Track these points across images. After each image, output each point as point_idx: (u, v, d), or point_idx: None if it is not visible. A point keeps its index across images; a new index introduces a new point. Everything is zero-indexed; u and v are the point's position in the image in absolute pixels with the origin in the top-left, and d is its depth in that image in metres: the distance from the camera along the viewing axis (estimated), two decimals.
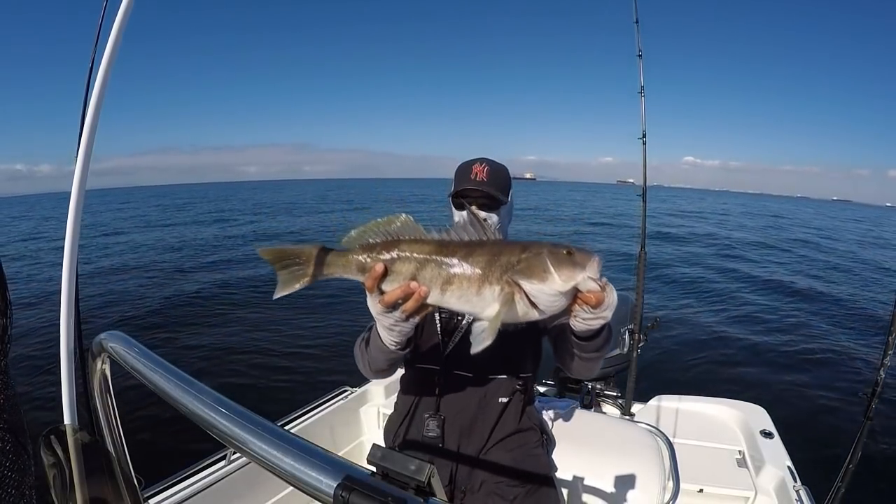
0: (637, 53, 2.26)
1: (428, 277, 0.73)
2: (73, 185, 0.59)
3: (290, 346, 5.36)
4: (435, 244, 0.74)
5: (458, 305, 0.74)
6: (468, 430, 1.18)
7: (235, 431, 0.49)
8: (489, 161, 1.18)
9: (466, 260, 0.72)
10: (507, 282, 0.70)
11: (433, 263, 0.72)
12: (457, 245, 0.73)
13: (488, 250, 0.72)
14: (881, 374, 1.57)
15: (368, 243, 0.76)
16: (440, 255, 0.73)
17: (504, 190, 1.17)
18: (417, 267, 0.73)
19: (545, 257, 0.69)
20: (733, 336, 6.05)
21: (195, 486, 1.47)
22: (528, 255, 0.70)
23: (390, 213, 0.76)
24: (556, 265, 0.69)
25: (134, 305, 7.30)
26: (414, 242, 0.74)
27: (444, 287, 0.72)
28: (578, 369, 1.02)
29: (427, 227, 0.76)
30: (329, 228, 17.96)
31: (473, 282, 0.71)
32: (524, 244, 0.72)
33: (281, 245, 0.77)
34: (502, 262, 0.71)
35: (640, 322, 2.29)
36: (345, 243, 0.77)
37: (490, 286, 0.71)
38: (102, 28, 1.11)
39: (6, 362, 0.48)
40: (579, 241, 11.09)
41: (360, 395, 2.16)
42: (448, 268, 0.72)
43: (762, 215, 32.75)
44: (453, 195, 1.17)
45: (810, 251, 14.64)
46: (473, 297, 0.71)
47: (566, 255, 0.70)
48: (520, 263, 0.70)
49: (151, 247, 13.63)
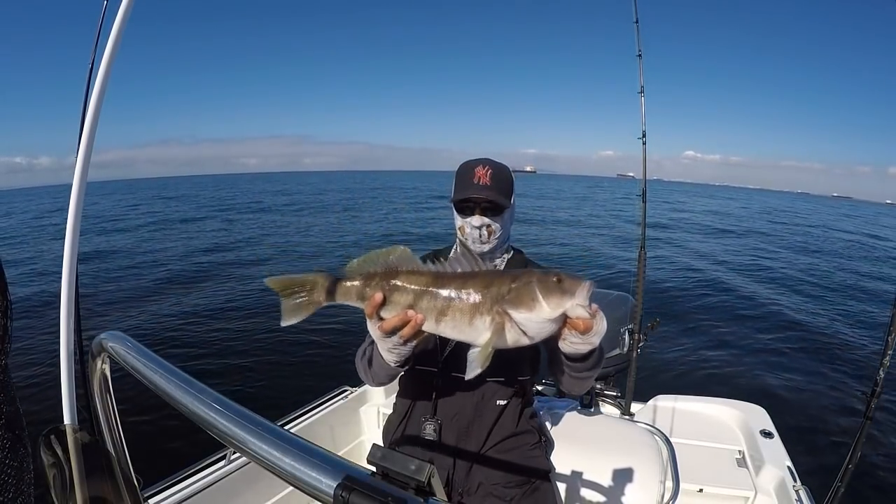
0: (637, 53, 2.25)
1: (423, 307, 0.77)
2: (73, 185, 0.59)
3: (290, 345, 5.36)
4: (430, 275, 0.78)
5: (452, 334, 0.78)
6: (465, 432, 1.18)
7: (235, 431, 0.49)
8: (491, 162, 1.16)
9: (459, 291, 0.75)
10: (498, 312, 0.73)
11: (428, 294, 0.77)
12: (450, 277, 0.77)
13: (480, 282, 0.75)
14: (881, 374, 1.57)
15: (369, 273, 0.81)
16: (435, 287, 0.77)
17: (507, 193, 1.16)
18: (414, 297, 0.77)
19: (534, 286, 0.72)
20: (733, 336, 6.05)
21: (195, 486, 1.46)
22: (517, 284, 0.73)
23: (389, 246, 0.81)
24: (544, 293, 0.71)
25: (134, 305, 7.30)
26: (411, 273, 0.79)
27: (439, 318, 0.76)
28: (568, 385, 1.04)
29: (420, 256, 0.81)
30: (331, 227, 17.96)
31: (466, 312, 0.75)
32: (514, 274, 0.75)
33: (288, 276, 0.82)
34: (493, 293, 0.74)
35: (640, 322, 2.29)
36: (347, 272, 0.82)
37: (481, 316, 0.74)
38: (102, 28, 1.11)
39: (6, 362, 0.47)
40: (580, 241, 11.03)
41: (360, 395, 2.16)
42: (442, 299, 0.76)
43: (764, 212, 32.72)
44: (457, 202, 1.16)
45: (810, 250, 14.64)
46: (466, 327, 0.75)
47: (556, 282, 0.72)
48: (510, 293, 0.73)
49: (152, 246, 13.62)
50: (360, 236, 15.18)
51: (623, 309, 2.37)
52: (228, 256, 11.54)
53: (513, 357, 1.18)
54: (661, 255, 11.50)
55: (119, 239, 15.33)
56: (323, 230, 17.07)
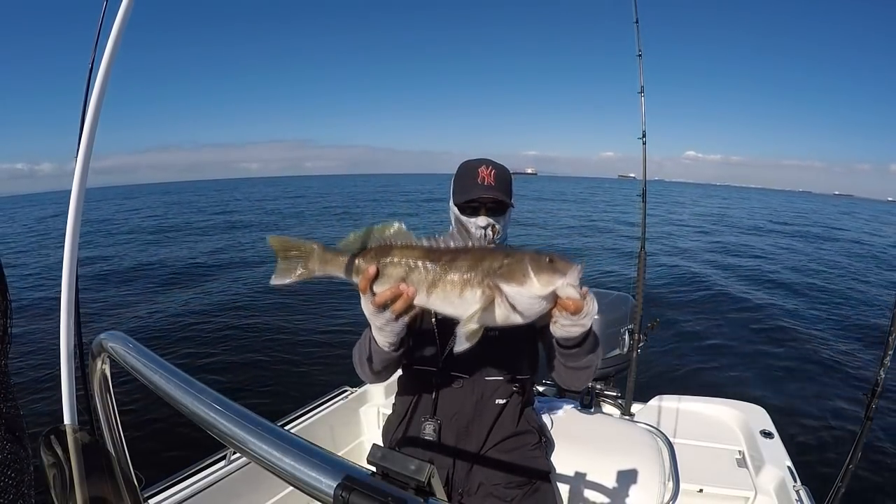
0: (637, 53, 2.25)
1: (415, 280, 0.78)
2: (73, 185, 0.59)
3: (290, 345, 5.36)
4: (423, 250, 0.79)
5: (442, 307, 0.79)
6: (465, 431, 1.18)
7: (235, 431, 0.49)
8: (493, 163, 1.17)
9: (451, 264, 0.76)
10: (489, 285, 0.74)
11: (421, 267, 0.78)
12: (443, 251, 0.78)
13: (472, 255, 0.76)
14: (881, 374, 1.57)
15: (363, 247, 0.82)
16: (427, 260, 0.77)
17: (510, 193, 1.17)
18: (407, 270, 0.78)
19: (526, 262, 0.73)
20: (733, 336, 6.05)
21: (195, 486, 1.46)
22: (510, 260, 0.74)
23: (386, 221, 0.81)
24: (536, 270, 0.72)
25: (134, 305, 7.30)
26: (404, 248, 0.80)
27: (430, 289, 0.77)
28: (566, 379, 1.04)
29: (418, 235, 0.81)
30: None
31: (456, 285, 0.75)
32: (507, 251, 0.76)
33: (288, 237, 0.83)
34: (485, 267, 0.75)
35: (639, 322, 2.29)
36: (342, 246, 0.83)
37: (472, 289, 0.75)
38: (102, 28, 1.11)
39: (6, 363, 0.47)
40: (580, 241, 11.03)
41: (360, 395, 2.15)
42: (433, 271, 0.77)
43: (765, 211, 32.67)
44: (463, 203, 1.15)
45: (811, 249, 14.63)
46: (456, 298, 0.76)
47: (548, 261, 0.73)
48: (501, 268, 0.74)
49: (152, 247, 13.62)
50: None
51: (623, 309, 2.37)
52: (228, 258, 11.55)
53: (511, 355, 1.18)
54: (662, 255, 11.50)
55: (119, 240, 15.34)
56: (323, 232, 17.07)
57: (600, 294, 2.50)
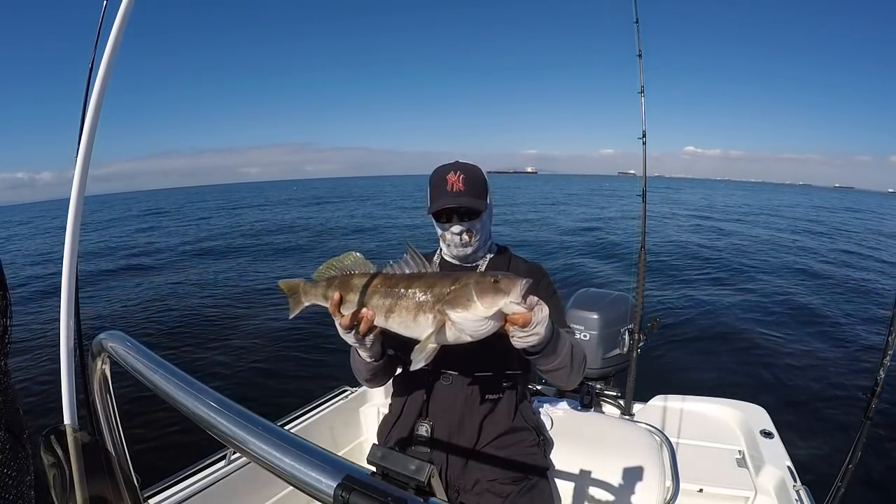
0: (637, 53, 2.25)
1: (374, 305, 0.86)
2: (73, 184, 0.59)
3: (291, 346, 5.37)
4: (382, 278, 0.87)
5: (399, 330, 0.86)
6: (457, 427, 1.19)
7: (235, 431, 0.49)
8: (462, 166, 1.17)
9: (406, 291, 0.84)
10: (439, 310, 0.80)
11: (378, 294, 0.86)
12: (399, 278, 0.86)
13: (424, 283, 0.83)
14: (881, 374, 1.57)
15: (331, 276, 0.93)
16: (384, 287, 0.86)
17: (482, 195, 1.17)
18: (367, 296, 0.87)
19: (471, 287, 0.78)
20: (734, 335, 6.05)
21: (195, 486, 1.46)
22: (456, 286, 0.79)
23: (344, 252, 0.93)
24: (479, 293, 0.77)
25: (134, 305, 7.30)
26: (364, 276, 0.89)
27: (388, 315, 0.85)
28: (550, 380, 1.07)
29: (375, 262, 0.92)
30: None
31: (410, 310, 0.83)
32: (456, 276, 0.82)
33: (286, 281, 1.00)
34: (435, 293, 0.81)
35: (639, 322, 2.29)
36: (315, 276, 0.95)
37: (425, 314, 0.82)
38: (102, 28, 1.11)
39: (6, 362, 0.47)
40: (580, 241, 10.98)
41: (360, 395, 2.16)
42: (390, 298, 0.85)
43: (765, 206, 32.57)
44: (434, 213, 1.17)
45: (811, 247, 14.62)
46: (411, 322, 0.83)
47: (492, 283, 0.77)
48: (449, 294, 0.79)
49: (152, 248, 13.62)
50: (361, 240, 15.18)
51: (623, 309, 2.37)
52: (228, 259, 11.55)
53: (500, 351, 1.19)
54: (662, 255, 11.49)
55: (119, 240, 15.34)
56: (323, 233, 17.06)
57: (600, 294, 2.50)
